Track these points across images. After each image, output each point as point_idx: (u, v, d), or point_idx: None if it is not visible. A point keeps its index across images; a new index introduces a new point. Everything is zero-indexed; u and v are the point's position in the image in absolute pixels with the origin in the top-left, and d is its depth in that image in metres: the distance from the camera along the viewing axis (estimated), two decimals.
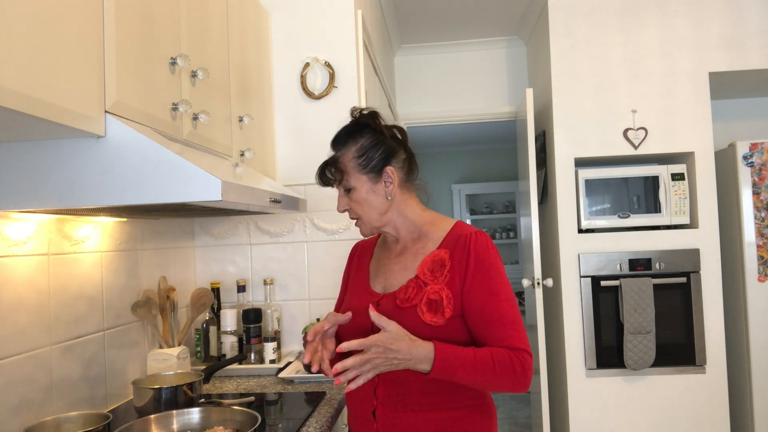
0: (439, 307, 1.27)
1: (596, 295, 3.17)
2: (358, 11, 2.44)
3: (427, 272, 1.32)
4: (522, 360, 1.24)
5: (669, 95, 3.21)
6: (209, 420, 1.48)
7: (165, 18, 1.44)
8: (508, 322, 1.26)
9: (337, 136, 1.40)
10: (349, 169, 1.35)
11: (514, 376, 1.22)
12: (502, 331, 1.25)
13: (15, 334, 1.39)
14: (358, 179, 1.35)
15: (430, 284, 1.30)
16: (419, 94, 4.20)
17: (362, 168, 1.35)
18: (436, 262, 1.32)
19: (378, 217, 1.38)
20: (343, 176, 1.36)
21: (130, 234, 1.93)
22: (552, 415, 3.59)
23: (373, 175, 1.35)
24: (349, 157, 1.35)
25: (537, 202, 3.31)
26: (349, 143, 1.37)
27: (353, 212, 1.40)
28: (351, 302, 1.43)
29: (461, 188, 7.98)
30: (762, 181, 3.12)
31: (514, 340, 1.25)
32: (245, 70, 2.06)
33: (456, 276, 1.29)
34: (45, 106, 0.98)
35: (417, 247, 1.38)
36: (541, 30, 3.54)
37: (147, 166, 1.19)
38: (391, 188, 1.37)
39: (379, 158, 1.35)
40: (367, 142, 1.36)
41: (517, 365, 1.23)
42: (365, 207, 1.37)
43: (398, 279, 1.37)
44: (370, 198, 1.36)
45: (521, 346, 1.25)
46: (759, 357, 3.10)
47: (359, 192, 1.36)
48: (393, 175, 1.36)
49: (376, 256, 1.49)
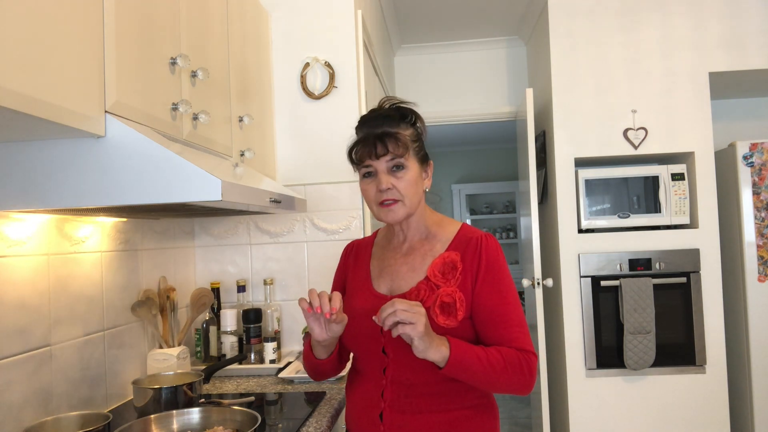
0: (452, 309, 1.27)
1: (596, 295, 3.17)
2: (358, 11, 2.44)
3: (438, 274, 1.31)
4: (529, 361, 1.25)
5: (669, 95, 3.21)
6: (209, 420, 1.48)
7: (165, 18, 1.44)
8: (515, 324, 1.27)
9: (389, 112, 1.34)
10: (410, 147, 1.32)
11: (522, 376, 1.24)
12: (510, 333, 1.26)
13: (15, 334, 1.39)
14: (413, 161, 1.32)
15: (443, 286, 1.29)
16: (419, 94, 4.20)
17: (416, 152, 1.34)
18: (447, 264, 1.31)
19: (416, 204, 1.34)
20: (405, 152, 1.30)
21: (130, 234, 1.93)
22: (552, 415, 3.59)
23: (422, 163, 1.35)
24: (408, 137, 1.33)
25: (537, 202, 3.31)
26: (402, 124, 1.33)
27: (395, 192, 1.31)
28: (353, 304, 1.38)
29: (461, 188, 7.98)
30: (762, 181, 3.12)
31: (522, 342, 1.26)
32: (245, 70, 2.06)
33: (468, 278, 1.29)
34: (45, 106, 0.98)
35: (425, 249, 1.36)
36: (541, 30, 3.54)
37: (147, 166, 1.19)
38: (427, 182, 1.38)
39: (424, 150, 1.37)
40: (417, 130, 1.36)
41: (525, 366, 1.24)
42: (412, 189, 1.32)
43: (407, 281, 1.34)
44: (418, 183, 1.33)
45: (528, 348, 1.26)
46: (759, 357, 3.10)
47: (412, 172, 1.31)
48: (430, 171, 1.39)
49: (376, 256, 1.44)
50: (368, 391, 1.33)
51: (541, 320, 3.24)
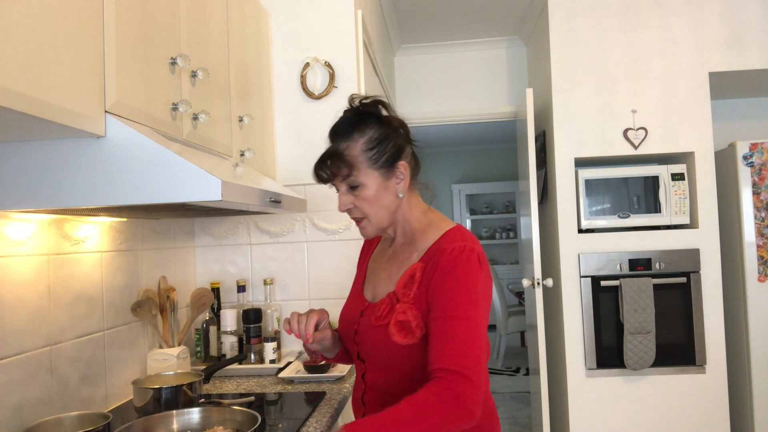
0: (408, 327, 1.18)
1: (596, 295, 3.17)
2: (358, 11, 2.44)
3: (401, 288, 1.22)
4: (451, 387, 1.05)
5: (669, 95, 3.21)
6: (209, 420, 1.48)
7: (165, 18, 1.44)
8: (452, 341, 1.10)
9: (339, 125, 1.25)
10: (358, 163, 1.22)
11: (444, 411, 1.03)
12: (440, 350, 1.10)
13: (15, 334, 1.39)
14: (369, 175, 1.22)
15: (401, 301, 1.21)
16: (419, 94, 4.20)
17: (374, 162, 1.22)
18: (411, 277, 1.22)
19: (387, 217, 1.27)
20: (351, 171, 1.22)
21: (130, 234, 1.93)
22: (552, 415, 3.59)
23: (385, 170, 1.23)
24: (358, 150, 1.22)
25: (537, 202, 3.31)
26: (354, 134, 1.23)
27: (358, 211, 1.26)
28: (346, 303, 1.41)
29: (461, 188, 7.99)
30: (762, 181, 3.12)
31: (450, 360, 1.07)
32: (245, 70, 2.06)
33: (422, 293, 1.19)
34: (45, 106, 0.98)
35: (404, 257, 1.29)
36: (541, 30, 3.54)
37: (147, 166, 1.19)
38: (402, 185, 1.26)
39: (391, 151, 1.23)
40: (377, 133, 1.23)
41: (446, 397, 1.04)
42: (375, 206, 1.24)
43: (383, 289, 1.30)
44: (381, 196, 1.24)
45: (454, 367, 1.06)
46: (759, 357, 3.10)
47: (369, 189, 1.23)
48: (406, 171, 1.26)
49: (374, 256, 1.42)
50: (355, 393, 1.35)
51: (541, 320, 3.24)
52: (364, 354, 1.29)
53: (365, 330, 1.27)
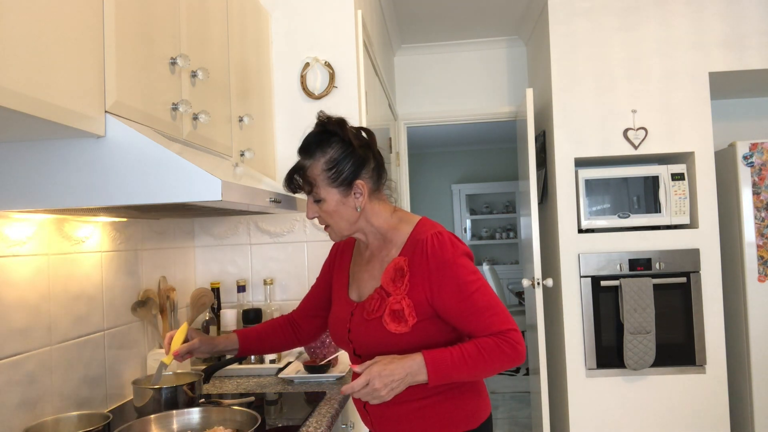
0: (401, 316, 1.31)
1: (596, 295, 3.17)
2: (358, 11, 2.44)
3: (389, 281, 1.34)
4: (509, 339, 1.27)
5: (669, 95, 3.21)
6: (209, 420, 1.48)
7: (165, 18, 1.44)
8: (484, 310, 1.29)
9: (305, 144, 1.39)
10: (318, 181, 1.35)
11: (505, 356, 1.26)
12: (481, 322, 1.29)
13: (15, 334, 1.39)
14: (328, 192, 1.35)
15: (393, 294, 1.33)
16: (419, 94, 4.20)
17: (332, 181, 1.34)
18: (397, 270, 1.34)
19: (348, 227, 1.39)
20: (312, 188, 1.36)
21: (130, 234, 1.93)
22: (552, 415, 3.59)
23: (343, 188, 1.35)
24: (318, 170, 1.35)
25: (537, 202, 3.31)
26: (317, 154, 1.35)
27: (322, 220, 1.41)
28: (333, 309, 1.50)
29: (461, 188, 7.99)
30: (762, 181, 3.12)
31: (496, 324, 1.28)
32: (245, 70, 2.06)
33: (418, 284, 1.31)
34: (45, 106, 0.98)
35: (382, 255, 1.41)
36: (541, 30, 3.54)
37: (147, 166, 1.18)
38: (361, 200, 1.37)
39: (349, 171, 1.35)
40: (336, 154, 1.35)
41: (505, 347, 1.26)
42: (335, 217, 1.37)
43: (368, 288, 1.41)
44: (340, 209, 1.36)
45: (504, 328, 1.28)
46: (759, 357, 3.10)
47: (329, 204, 1.36)
48: (363, 188, 1.36)
49: (354, 260, 1.52)
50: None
51: (541, 320, 3.24)
52: (360, 349, 1.40)
53: (358, 326, 1.38)
